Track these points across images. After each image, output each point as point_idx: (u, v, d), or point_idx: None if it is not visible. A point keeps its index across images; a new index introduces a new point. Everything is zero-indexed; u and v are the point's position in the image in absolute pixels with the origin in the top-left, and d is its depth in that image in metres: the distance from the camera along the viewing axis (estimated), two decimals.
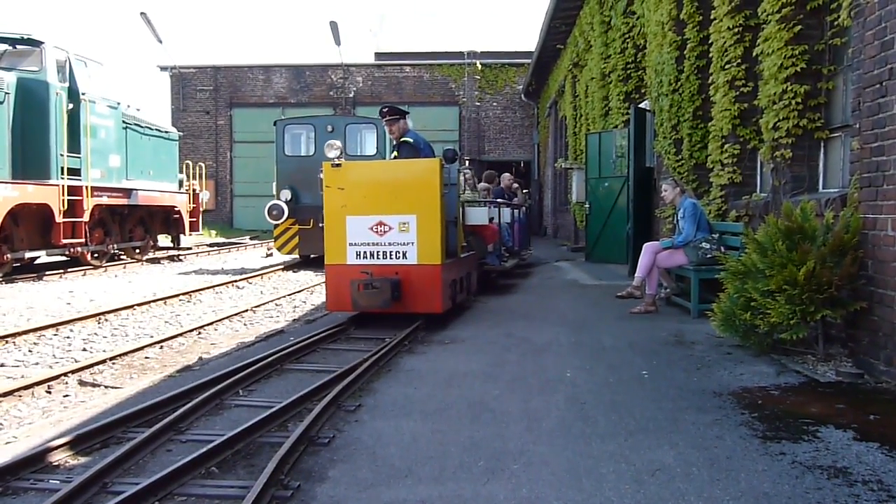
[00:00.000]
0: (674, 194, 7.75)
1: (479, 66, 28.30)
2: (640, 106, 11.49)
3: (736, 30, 7.39)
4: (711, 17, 8.02)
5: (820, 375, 4.60)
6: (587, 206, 13.55)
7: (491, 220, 9.73)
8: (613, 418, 3.81)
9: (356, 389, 4.44)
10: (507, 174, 14.61)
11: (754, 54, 7.03)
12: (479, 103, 28.69)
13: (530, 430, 3.65)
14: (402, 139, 7.28)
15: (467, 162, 16.76)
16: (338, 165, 6.64)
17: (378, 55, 30.40)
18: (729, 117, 7.59)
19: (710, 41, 8.24)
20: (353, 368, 4.75)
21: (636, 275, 7.76)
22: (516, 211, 12.73)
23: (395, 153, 7.40)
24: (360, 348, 5.74)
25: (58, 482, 3.01)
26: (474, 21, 32.78)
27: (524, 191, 26.68)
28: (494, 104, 28.86)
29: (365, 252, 6.53)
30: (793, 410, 3.90)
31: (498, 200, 11.26)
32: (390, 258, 6.48)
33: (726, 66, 7.60)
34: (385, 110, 7.35)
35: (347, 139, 14.45)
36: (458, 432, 3.62)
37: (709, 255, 7.01)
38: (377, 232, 6.50)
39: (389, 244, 6.49)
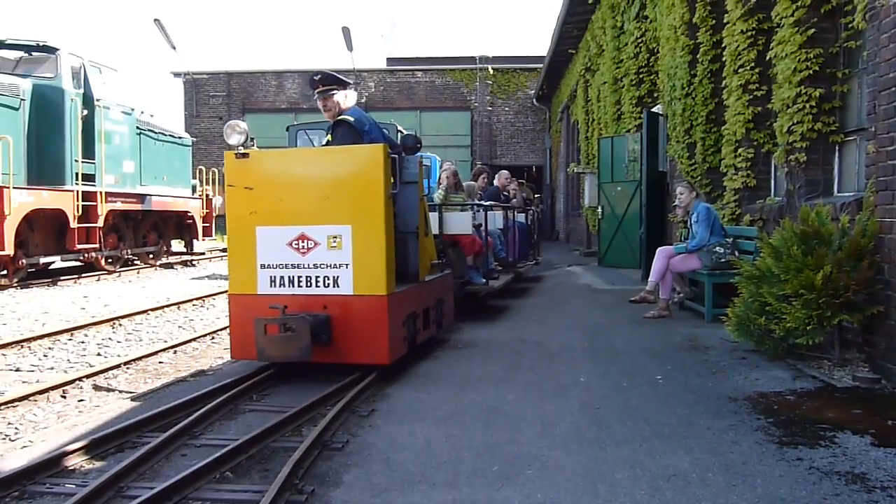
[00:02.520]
0: (689, 198, 7.72)
1: (491, 71, 28.30)
2: (653, 110, 11.45)
3: (749, 33, 7.36)
4: (724, 20, 7.98)
5: (836, 380, 4.56)
6: (600, 210, 13.51)
7: (478, 227, 7.95)
8: (628, 423, 3.79)
9: (369, 394, 4.44)
10: (503, 171, 12.30)
11: (768, 58, 7.00)
12: (490, 108, 28.68)
13: (544, 435, 3.63)
14: (339, 118, 5.31)
15: (478, 164, 16.33)
16: (243, 155, 4.90)
17: (390, 60, 30.49)
18: (742, 121, 7.55)
19: (723, 45, 8.20)
20: (368, 374, 4.75)
21: (649, 279, 7.74)
22: (514, 215, 10.68)
23: (328, 137, 5.50)
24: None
25: (74, 486, 3.03)
26: (486, 26, 32.81)
27: (536, 196, 26.61)
28: (506, 109, 28.85)
29: (282, 278, 4.82)
30: (809, 416, 3.87)
31: (485, 203, 8.90)
32: (317, 286, 4.76)
33: (740, 70, 7.56)
34: (317, 78, 5.37)
35: None
36: (471, 437, 3.61)
37: (723, 260, 6.97)
38: (299, 249, 4.78)
39: (315, 266, 4.75)
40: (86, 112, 12.50)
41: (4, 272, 11.17)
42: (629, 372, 4.99)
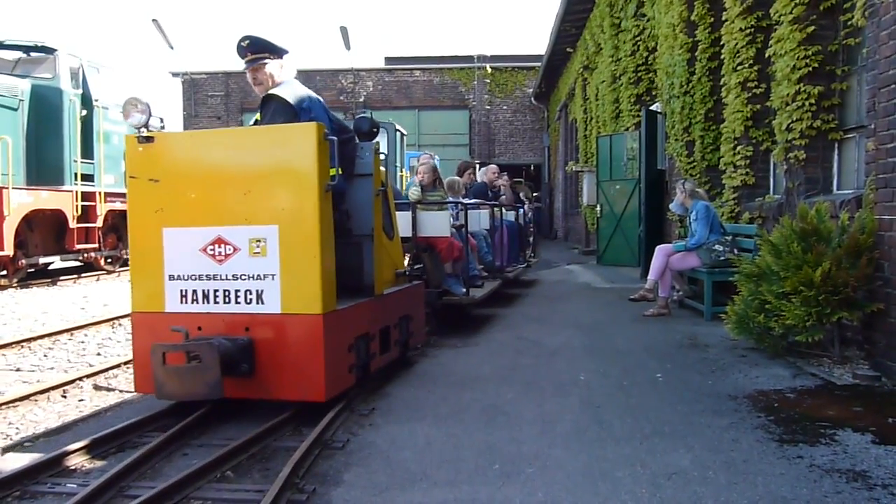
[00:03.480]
0: (682, 198, 7.72)
1: (489, 70, 28.30)
2: (652, 108, 11.45)
3: (748, 31, 7.36)
4: (723, 18, 7.99)
5: (836, 378, 4.56)
6: (598, 208, 13.52)
7: (459, 228, 7.19)
8: (628, 421, 3.79)
9: (369, 393, 4.44)
10: (491, 165, 11.29)
11: (767, 55, 7.00)
12: (489, 107, 28.68)
13: (545, 433, 3.63)
14: (270, 92, 4.36)
15: (478, 165, 16.20)
16: (147, 139, 3.99)
17: (388, 59, 30.47)
18: (741, 119, 7.56)
19: (721, 43, 8.21)
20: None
21: (649, 277, 7.75)
22: (503, 213, 9.70)
23: (256, 117, 4.60)
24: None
25: (75, 486, 3.02)
26: (484, 25, 32.83)
27: (534, 194, 26.60)
28: (504, 108, 28.85)
29: (195, 292, 3.91)
30: (809, 413, 3.87)
31: (466, 201, 8.17)
32: (237, 302, 3.85)
33: (738, 68, 7.57)
34: (244, 45, 4.38)
35: None
36: (472, 436, 3.61)
37: (722, 258, 6.97)
38: (215, 256, 3.87)
39: (235, 277, 3.84)
40: (84, 112, 12.50)
41: (4, 272, 11.16)
42: (629, 370, 4.99)
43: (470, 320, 7.19)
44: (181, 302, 3.95)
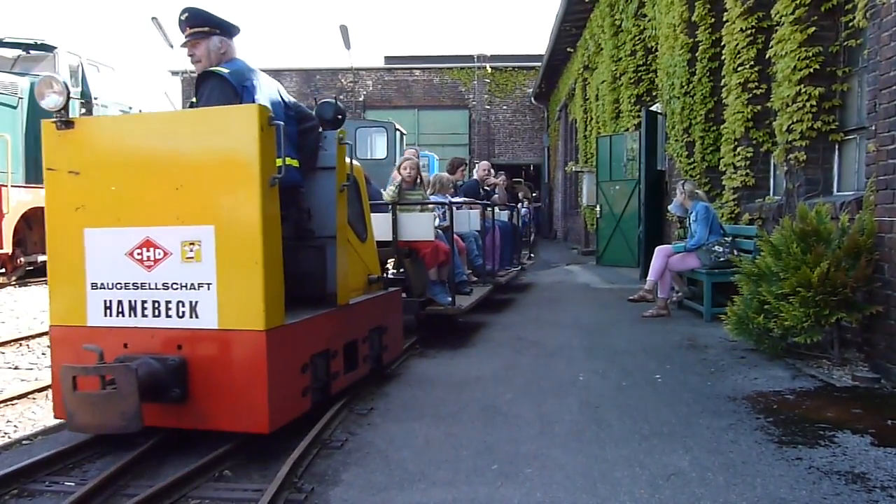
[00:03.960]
0: (681, 199, 7.71)
1: (489, 70, 28.28)
2: (652, 109, 11.45)
3: (749, 32, 7.36)
4: (724, 19, 7.99)
5: (835, 380, 4.56)
6: (598, 209, 13.51)
7: (444, 230, 6.66)
8: (627, 422, 3.79)
9: (368, 393, 4.43)
10: (483, 162, 10.54)
11: (767, 56, 7.00)
12: (488, 107, 28.67)
13: (543, 433, 3.63)
14: (210, 69, 3.80)
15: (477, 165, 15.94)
16: (66, 124, 3.47)
17: (388, 59, 30.46)
18: (742, 120, 7.55)
19: (722, 43, 8.20)
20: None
21: (648, 278, 7.74)
22: (494, 214, 9.09)
23: (192, 99, 4.00)
24: None
25: (73, 484, 3.02)
26: (484, 24, 32.86)
27: (533, 194, 26.58)
28: (504, 107, 28.84)
29: (121, 303, 3.38)
30: (808, 415, 3.87)
31: (454, 200, 7.64)
32: (168, 315, 3.32)
33: (739, 69, 7.56)
34: (183, 18, 3.90)
35: (358, 143, 14.47)
36: (470, 436, 3.60)
37: (722, 259, 6.97)
38: (143, 261, 3.35)
39: (166, 286, 3.32)
40: (84, 110, 12.46)
41: (3, 270, 11.16)
42: (628, 371, 4.98)
43: (457, 330, 6.59)
44: (105, 314, 3.42)
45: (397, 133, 16.63)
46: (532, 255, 14.65)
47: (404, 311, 5.58)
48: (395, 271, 6.61)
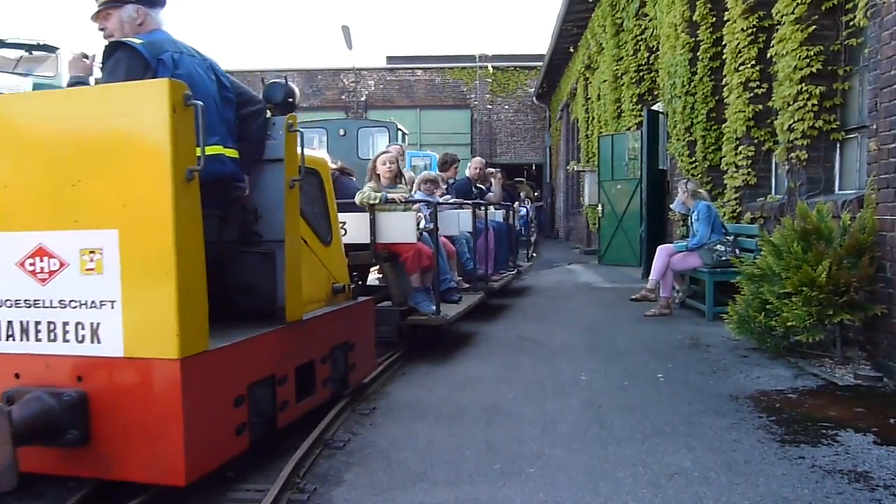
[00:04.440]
0: (683, 197, 7.71)
1: (491, 69, 28.28)
2: (653, 108, 11.45)
3: (750, 31, 7.35)
4: (725, 18, 7.98)
5: (838, 379, 4.55)
6: (600, 208, 13.51)
7: (428, 231, 6.05)
8: (629, 422, 3.79)
9: (370, 393, 4.44)
10: (476, 158, 9.75)
11: (769, 55, 6.99)
12: (490, 106, 28.67)
13: (546, 433, 3.63)
14: (117, 40, 3.15)
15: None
16: None
17: (390, 59, 30.47)
18: (743, 119, 7.54)
19: (723, 42, 8.20)
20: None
21: (650, 277, 7.74)
22: (487, 213, 8.33)
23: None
24: None
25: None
26: (486, 24, 32.86)
27: (535, 193, 26.50)
28: (506, 107, 28.83)
29: (10, 323, 2.78)
30: (811, 414, 3.86)
31: (447, 200, 7.47)
32: (65, 339, 2.71)
33: (740, 68, 7.56)
34: None
35: (360, 143, 14.48)
36: (473, 436, 3.60)
37: (723, 258, 6.96)
38: (35, 273, 2.74)
39: (62, 304, 2.71)
40: None
41: None
42: (630, 370, 4.98)
43: (444, 342, 5.99)
44: None
45: (399, 133, 16.63)
46: (534, 254, 14.66)
47: (383, 321, 5.30)
48: (380, 276, 6.16)
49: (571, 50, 19.71)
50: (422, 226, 6.16)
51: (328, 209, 4.17)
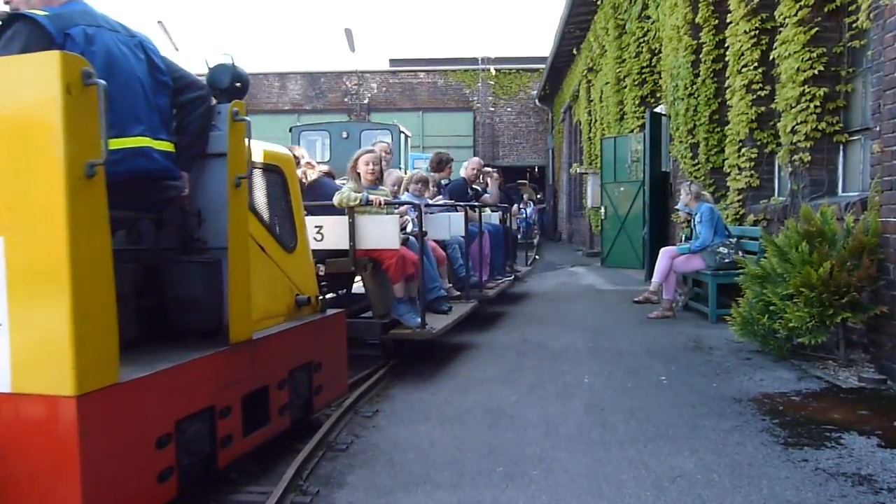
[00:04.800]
0: (687, 199, 7.70)
1: (494, 72, 28.29)
2: (656, 110, 11.44)
3: (752, 33, 7.35)
4: (727, 20, 7.97)
5: (841, 381, 4.54)
6: (602, 210, 13.51)
7: (414, 236, 5.58)
8: (632, 424, 3.78)
9: (373, 395, 4.44)
10: (473, 158, 9.21)
11: (771, 57, 6.99)
12: (493, 108, 28.67)
13: (549, 435, 3.63)
14: (17, 12, 2.62)
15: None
16: None
17: (392, 61, 30.51)
18: (746, 121, 7.54)
19: (726, 45, 8.19)
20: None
21: (653, 280, 7.73)
22: (481, 215, 8.11)
23: None
24: None
25: None
26: (488, 27, 32.93)
27: (538, 195, 26.46)
28: (509, 109, 28.83)
29: None
30: (814, 417, 3.86)
31: (430, 202, 6.92)
32: None
33: (743, 70, 7.55)
34: None
35: (362, 145, 14.48)
36: (475, 438, 3.60)
37: (726, 260, 6.95)
38: None
39: None
40: None
41: None
42: (633, 372, 4.98)
43: (436, 352, 5.71)
44: None
45: (402, 135, 16.66)
46: (536, 256, 14.64)
47: (364, 334, 5.17)
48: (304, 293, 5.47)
49: (574, 52, 19.71)
50: (408, 230, 5.88)
51: (293, 211, 3.63)
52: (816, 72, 6.13)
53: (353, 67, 27.76)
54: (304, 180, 5.44)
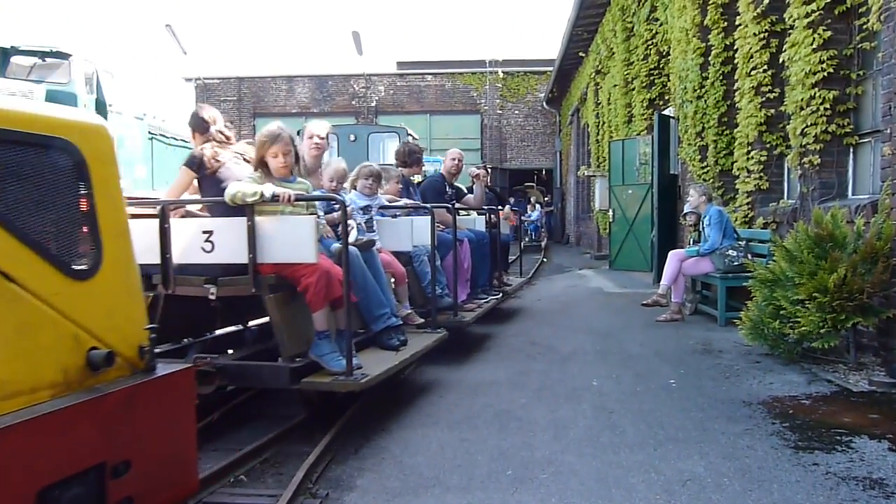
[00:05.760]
0: (698, 201, 7.68)
1: (501, 75, 28.30)
2: (664, 113, 11.42)
3: (762, 35, 7.32)
4: (736, 22, 7.95)
5: (852, 385, 4.52)
6: (610, 213, 13.48)
7: (360, 247, 4.48)
8: (642, 427, 3.77)
9: (381, 398, 4.44)
10: (453, 150, 7.55)
11: (781, 60, 6.96)
12: (500, 111, 28.67)
13: (558, 439, 3.62)
14: None
15: (490, 169, 14.65)
16: None
17: (400, 64, 30.55)
18: (755, 123, 7.51)
19: (735, 47, 8.17)
20: None
21: (662, 283, 7.71)
22: (469, 219, 7.29)
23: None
24: None
25: None
26: (496, 29, 32.94)
27: (545, 198, 26.40)
28: (516, 112, 28.83)
29: None
30: (825, 420, 3.84)
31: (390, 204, 5.59)
32: None
33: (752, 72, 7.53)
34: None
35: (370, 148, 14.52)
36: (485, 441, 3.60)
37: (735, 263, 6.93)
38: None
39: None
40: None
41: None
42: (642, 376, 4.96)
43: (437, 361, 5.20)
44: None
45: (409, 138, 16.70)
46: (544, 259, 14.63)
47: (267, 383, 3.87)
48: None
49: (582, 55, 19.69)
50: (352, 238, 4.31)
51: (95, 212, 2.27)
52: (826, 74, 6.11)
53: (360, 70, 27.79)
54: (209, 162, 4.10)
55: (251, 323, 4.59)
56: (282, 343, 3.76)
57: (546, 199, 29.63)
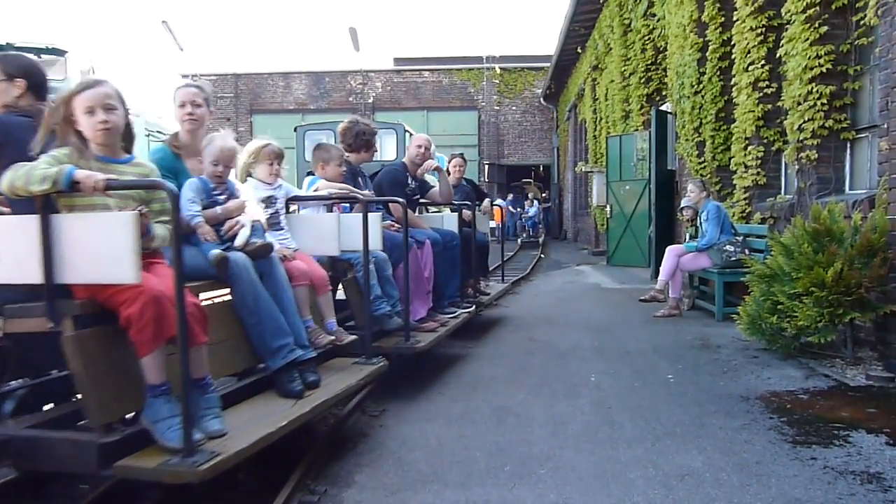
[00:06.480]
0: (699, 196, 7.68)
1: (498, 71, 28.28)
2: (662, 108, 11.42)
3: (759, 30, 7.32)
4: (734, 18, 7.95)
5: (849, 379, 4.53)
6: (608, 209, 13.49)
7: (251, 253, 3.30)
8: (640, 423, 3.78)
9: (380, 394, 4.44)
10: (420, 135, 6.31)
11: (778, 55, 6.96)
12: (498, 107, 28.67)
13: (556, 434, 3.62)
14: None
15: (487, 167, 14.15)
16: None
17: (397, 60, 30.52)
18: (752, 119, 7.52)
19: (732, 42, 8.17)
20: None
21: (659, 278, 7.72)
22: (438, 217, 6.65)
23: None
24: None
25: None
26: (493, 25, 32.90)
27: (543, 194, 26.44)
28: (513, 108, 28.83)
29: None
30: (822, 415, 3.84)
31: (303, 195, 4.49)
32: None
33: (749, 68, 7.53)
34: None
35: None
36: (483, 437, 3.60)
37: (733, 258, 6.94)
38: None
39: None
40: None
41: None
42: (640, 371, 4.97)
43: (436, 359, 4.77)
44: None
45: (407, 134, 16.66)
46: (542, 255, 14.63)
47: (69, 463, 2.50)
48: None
49: (579, 50, 19.68)
50: (240, 241, 3.32)
51: None
52: (824, 69, 6.11)
53: (357, 67, 27.75)
54: None
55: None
56: (88, 405, 2.45)
57: (544, 195, 29.64)
